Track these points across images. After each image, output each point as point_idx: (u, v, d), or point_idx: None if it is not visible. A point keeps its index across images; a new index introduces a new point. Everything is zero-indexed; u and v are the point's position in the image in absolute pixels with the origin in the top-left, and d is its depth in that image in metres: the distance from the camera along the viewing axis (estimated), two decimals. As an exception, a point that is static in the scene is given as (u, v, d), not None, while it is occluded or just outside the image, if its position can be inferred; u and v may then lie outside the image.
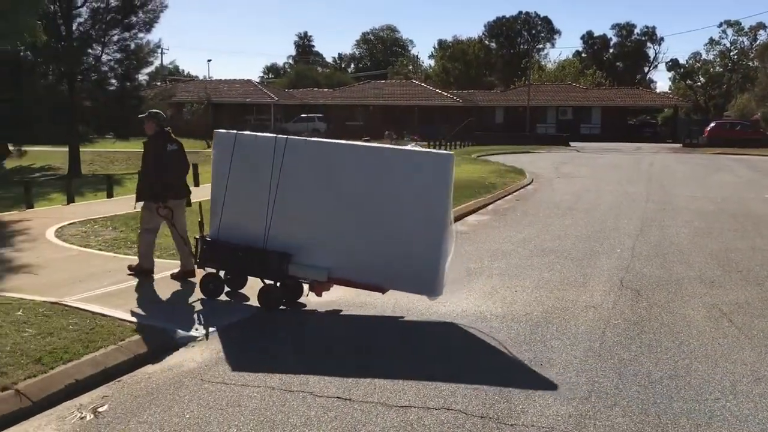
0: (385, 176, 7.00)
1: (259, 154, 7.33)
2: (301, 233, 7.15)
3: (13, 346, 5.53)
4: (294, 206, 7.18)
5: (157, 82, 45.07)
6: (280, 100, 58.81)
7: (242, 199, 7.41)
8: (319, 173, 7.16)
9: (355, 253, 7.03)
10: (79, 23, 32.56)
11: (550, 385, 5.15)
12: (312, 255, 7.08)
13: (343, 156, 7.32)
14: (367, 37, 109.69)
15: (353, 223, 7.04)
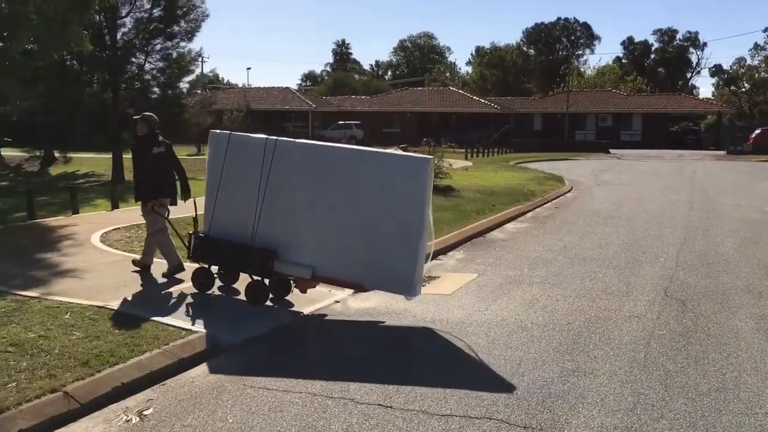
0: (366, 179, 7.22)
1: (250, 154, 7.63)
2: (287, 232, 7.40)
3: (61, 348, 5.65)
4: (281, 205, 7.45)
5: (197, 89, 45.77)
6: (318, 108, 59.25)
7: (233, 196, 7.71)
8: (305, 174, 7.40)
9: (338, 252, 7.25)
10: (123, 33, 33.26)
11: (594, 395, 5.07)
12: (297, 253, 7.32)
13: (326, 158, 7.54)
14: (405, 45, 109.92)
15: (336, 223, 7.27)
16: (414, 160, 7.47)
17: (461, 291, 8.41)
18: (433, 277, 9.25)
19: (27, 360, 5.38)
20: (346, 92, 72.98)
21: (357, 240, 7.16)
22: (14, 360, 5.37)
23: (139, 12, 33.32)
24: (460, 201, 16.39)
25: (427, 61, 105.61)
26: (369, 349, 6.24)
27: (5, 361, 5.33)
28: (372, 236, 7.10)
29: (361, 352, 6.17)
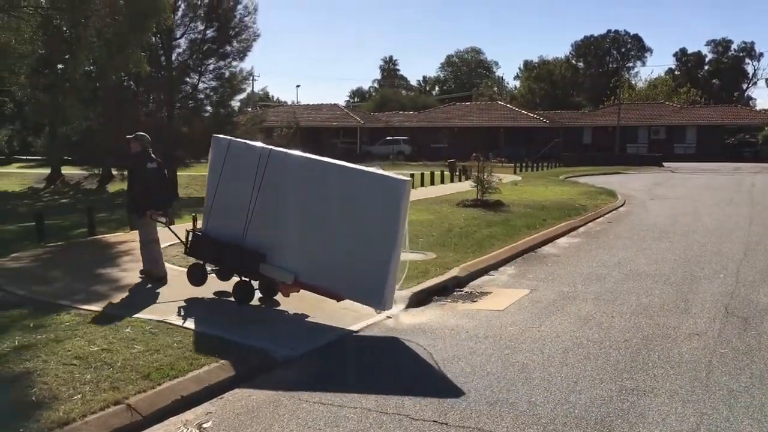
0: (346, 194, 7.56)
1: (246, 161, 8.14)
2: (274, 237, 7.86)
3: (123, 362, 5.81)
4: (271, 212, 7.91)
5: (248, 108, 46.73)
6: (366, 124, 59.66)
7: (228, 199, 8.27)
8: (293, 184, 7.85)
9: (318, 261, 7.64)
10: (178, 53, 34.23)
11: (655, 415, 4.96)
12: (282, 258, 7.76)
13: (312, 171, 7.90)
14: (452, 60, 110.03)
15: (318, 233, 7.66)
16: (390, 180, 7.57)
17: (514, 307, 8.33)
18: (485, 292, 9.20)
19: (91, 372, 5.54)
20: (394, 108, 73.33)
21: (335, 252, 7.53)
22: (79, 372, 5.54)
23: (193, 33, 34.27)
24: (510, 216, 16.26)
25: (475, 76, 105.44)
26: (422, 365, 6.23)
27: (70, 374, 5.50)
28: (349, 249, 7.45)
29: (415, 367, 6.16)
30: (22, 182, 43.06)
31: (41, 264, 10.99)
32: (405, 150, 53.37)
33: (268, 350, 6.38)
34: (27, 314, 7.35)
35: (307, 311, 7.82)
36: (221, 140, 8.64)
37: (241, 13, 35.15)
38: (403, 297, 8.48)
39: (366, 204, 7.44)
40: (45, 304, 7.86)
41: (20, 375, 5.46)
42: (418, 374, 5.97)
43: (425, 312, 8.18)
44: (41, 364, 5.69)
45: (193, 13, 33.85)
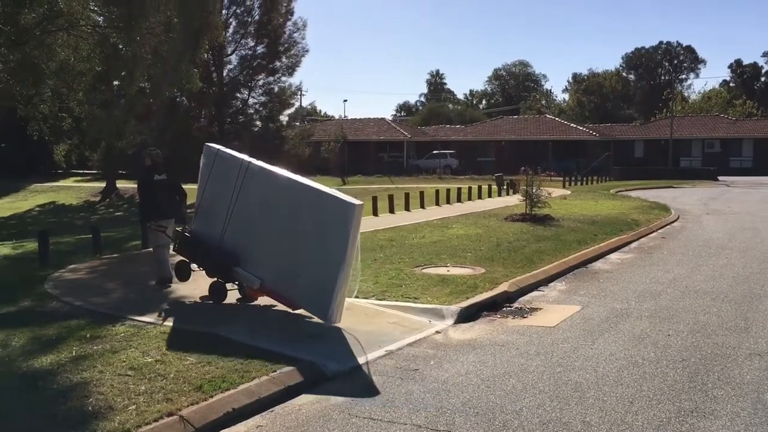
0: (303, 211, 8.08)
1: (229, 170, 8.76)
2: (246, 243, 8.47)
3: (176, 373, 5.89)
4: (245, 220, 8.52)
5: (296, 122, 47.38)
6: (413, 137, 59.74)
7: (212, 203, 8.96)
8: (263, 197, 8.43)
9: (280, 271, 8.15)
10: (229, 69, 35.08)
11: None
12: (251, 264, 8.33)
13: (278, 187, 8.44)
14: (499, 73, 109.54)
15: (281, 245, 8.20)
16: (342, 203, 7.84)
17: (565, 324, 8.18)
18: (535, 308, 9.06)
19: (145, 383, 5.63)
20: (440, 122, 73.32)
21: (293, 263, 8.05)
22: (134, 383, 5.63)
23: (243, 49, 35.14)
24: (560, 230, 16.02)
25: (523, 89, 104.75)
26: (471, 382, 6.15)
27: (125, 385, 5.60)
28: (303, 263, 7.95)
29: (464, 384, 6.08)
30: (79, 196, 44.42)
31: (97, 275, 11.28)
32: (452, 164, 53.21)
33: (317, 364, 6.38)
34: (84, 325, 7.54)
35: (357, 326, 7.82)
36: (211, 148, 9.38)
37: (290, 29, 35.94)
38: (452, 312, 8.43)
39: (319, 223, 7.89)
40: (101, 315, 8.05)
41: (78, 385, 5.58)
42: (468, 391, 5.89)
43: (474, 327, 8.10)
44: (97, 375, 5.81)
45: (244, 30, 34.69)
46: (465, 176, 46.08)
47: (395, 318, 8.31)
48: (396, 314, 8.45)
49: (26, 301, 9.03)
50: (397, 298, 9.06)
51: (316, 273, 7.76)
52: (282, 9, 35.20)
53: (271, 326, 7.68)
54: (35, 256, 13.23)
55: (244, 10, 34.49)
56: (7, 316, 8.16)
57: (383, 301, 8.94)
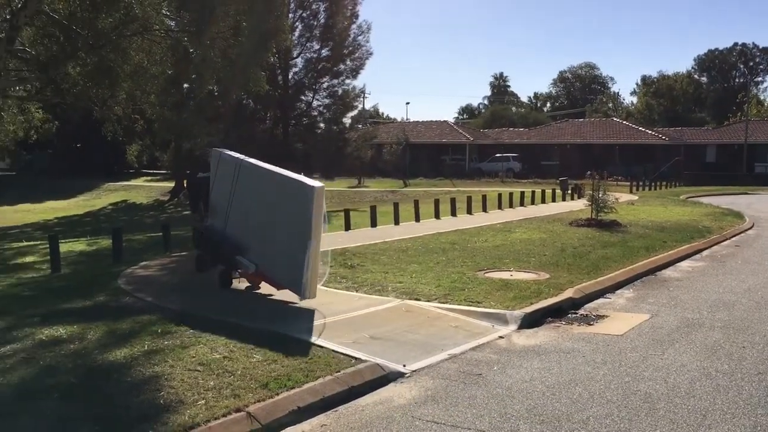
0: (278, 197, 9.06)
1: (229, 169, 9.85)
2: (244, 234, 9.48)
3: (243, 370, 6.01)
4: (241, 213, 9.59)
5: (359, 124, 47.68)
6: (475, 140, 59.34)
7: (218, 201, 10.13)
8: (252, 190, 9.48)
9: (268, 255, 9.06)
10: (294, 72, 35.59)
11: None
12: (248, 252, 9.28)
13: (260, 177, 9.50)
14: (564, 75, 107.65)
15: (266, 231, 9.16)
16: (302, 185, 8.76)
17: (633, 332, 7.97)
18: (601, 315, 8.87)
19: (214, 379, 5.76)
20: (504, 125, 72.61)
21: (276, 247, 8.97)
22: (203, 378, 5.77)
23: (309, 52, 35.57)
24: (627, 237, 15.63)
25: (589, 92, 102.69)
26: (536, 388, 6.06)
27: (195, 380, 5.74)
28: (282, 246, 8.88)
29: (529, 390, 6.00)
30: (149, 195, 45.84)
31: (167, 272, 11.61)
32: (515, 167, 52.57)
33: (381, 365, 6.41)
34: (155, 320, 7.77)
35: (419, 328, 7.82)
36: (215, 152, 10.75)
37: (355, 33, 36.19)
38: (515, 317, 8.34)
39: (288, 205, 8.86)
40: (171, 312, 8.28)
41: (150, 378, 5.76)
42: (532, 398, 5.80)
43: (538, 334, 7.98)
44: (168, 369, 5.98)
45: (310, 33, 35.15)
46: (528, 180, 45.49)
47: (457, 321, 8.27)
48: (458, 318, 8.41)
49: (101, 296, 9.37)
50: (459, 302, 9.01)
51: (290, 254, 8.62)
52: (347, 12, 35.51)
53: (335, 328, 7.74)
54: (109, 253, 13.73)
55: (310, 13, 34.96)
56: (84, 310, 8.49)
57: (445, 304, 8.91)
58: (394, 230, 17.75)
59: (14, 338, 7.03)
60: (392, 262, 12.10)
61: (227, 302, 8.96)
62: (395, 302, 9.02)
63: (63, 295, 9.59)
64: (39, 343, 6.85)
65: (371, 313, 8.43)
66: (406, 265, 11.76)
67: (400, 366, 6.53)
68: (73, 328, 7.34)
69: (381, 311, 8.56)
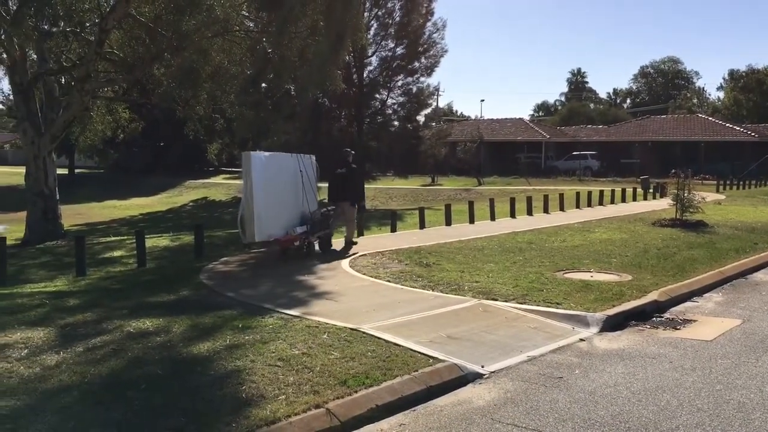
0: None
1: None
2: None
3: (322, 366, 6.05)
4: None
5: (433, 122, 47.53)
6: (552, 138, 58.19)
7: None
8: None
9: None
10: (369, 71, 35.74)
11: None
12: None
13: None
14: (646, 71, 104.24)
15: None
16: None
17: (724, 338, 7.61)
18: (688, 320, 8.52)
19: (293, 375, 5.82)
20: (581, 122, 70.88)
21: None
22: (282, 374, 5.84)
23: (383, 51, 35.64)
24: (714, 238, 14.97)
25: (671, 87, 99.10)
26: (621, 394, 5.84)
27: (275, 375, 5.82)
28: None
29: (613, 396, 5.79)
30: (227, 192, 47.11)
31: (246, 268, 11.87)
32: (592, 165, 51.25)
33: (459, 366, 6.34)
34: (236, 315, 7.94)
35: (496, 329, 7.70)
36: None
37: (430, 30, 36.03)
38: (597, 320, 8.11)
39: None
40: (251, 307, 8.45)
41: (232, 372, 5.87)
42: (617, 404, 5.61)
43: (621, 337, 7.73)
44: (249, 363, 6.09)
45: (385, 31, 35.19)
46: (607, 178, 44.29)
47: (536, 323, 8.10)
48: (537, 319, 8.24)
49: (185, 291, 9.65)
50: (538, 303, 8.83)
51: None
52: (422, 10, 35.37)
53: (412, 327, 7.71)
54: (191, 248, 14.16)
55: (385, 12, 34.98)
56: (169, 303, 8.77)
57: (523, 305, 8.75)
58: (469, 229, 17.59)
59: (105, 330, 7.32)
60: (468, 261, 11.98)
61: (305, 298, 9.06)
62: (472, 302, 8.92)
63: (149, 288, 9.94)
64: (127, 335, 7.10)
65: (448, 313, 8.35)
66: (482, 264, 11.62)
67: (478, 367, 6.44)
68: (158, 321, 7.59)
69: (458, 311, 8.48)
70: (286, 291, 9.55)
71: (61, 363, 6.10)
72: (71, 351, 6.49)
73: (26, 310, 8.44)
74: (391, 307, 8.57)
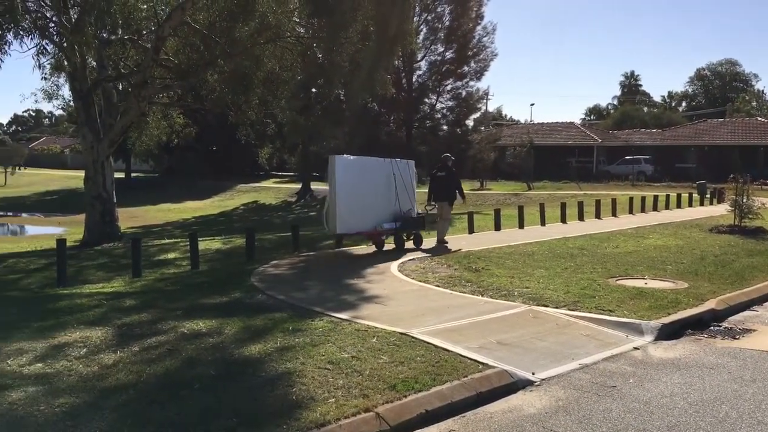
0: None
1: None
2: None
3: (371, 371, 6.06)
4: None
5: (482, 126, 47.25)
6: (604, 142, 57.10)
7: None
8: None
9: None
10: (418, 75, 35.78)
11: None
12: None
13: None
14: (702, 73, 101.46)
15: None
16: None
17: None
18: (748, 329, 8.26)
19: (343, 378, 5.85)
20: (634, 126, 69.39)
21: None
22: (332, 377, 5.88)
23: (433, 55, 35.66)
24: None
25: (729, 90, 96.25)
26: (677, 405, 5.69)
27: (325, 378, 5.86)
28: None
29: (669, 406, 5.64)
30: (277, 196, 47.67)
31: (296, 271, 11.99)
32: (646, 170, 50.07)
33: (509, 372, 6.27)
34: (286, 318, 8.03)
35: (547, 336, 7.60)
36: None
37: (479, 34, 35.91)
38: (651, 328, 7.93)
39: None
40: (300, 310, 8.53)
41: (283, 374, 5.93)
42: (673, 415, 5.46)
43: (677, 346, 7.54)
44: (299, 366, 6.14)
45: (434, 36, 35.22)
46: (661, 183, 43.23)
47: (588, 330, 7.97)
48: (589, 326, 8.11)
49: (236, 293, 9.80)
50: (590, 310, 8.68)
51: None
52: (472, 14, 35.26)
53: (461, 332, 7.67)
54: (242, 251, 14.37)
55: (435, 16, 34.99)
56: (221, 305, 8.92)
57: (575, 312, 8.61)
58: (518, 234, 17.42)
59: (160, 331, 7.48)
60: (518, 266, 11.86)
61: (354, 302, 9.10)
62: (522, 308, 8.82)
63: (202, 290, 10.14)
64: (181, 335, 7.25)
65: (497, 318, 8.28)
66: (532, 269, 11.49)
67: (529, 374, 6.36)
68: (211, 323, 7.72)
69: (507, 316, 8.40)
70: (335, 294, 9.62)
71: (118, 362, 6.27)
72: (128, 350, 6.66)
73: (85, 310, 8.70)
74: (440, 311, 8.55)
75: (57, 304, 9.24)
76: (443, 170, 15.24)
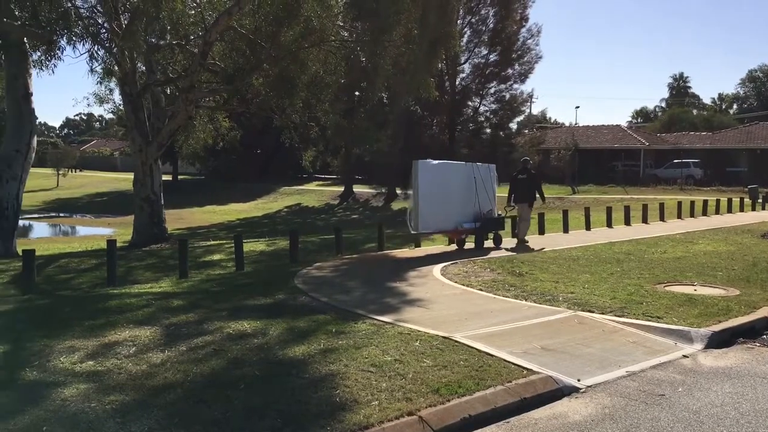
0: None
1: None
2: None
3: (414, 374, 6.06)
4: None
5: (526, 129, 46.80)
6: (651, 145, 56.01)
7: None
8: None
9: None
10: (461, 78, 35.64)
11: None
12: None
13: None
14: (755, 75, 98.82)
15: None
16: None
17: (844, 360, 7.09)
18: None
19: (386, 381, 5.86)
20: (683, 129, 67.93)
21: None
22: (375, 380, 5.89)
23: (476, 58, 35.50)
24: (832, 252, 13.99)
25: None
26: (729, 415, 5.54)
27: (368, 380, 5.87)
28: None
29: (720, 416, 5.49)
30: (320, 199, 48.06)
31: (339, 274, 12.06)
32: (695, 174, 48.97)
33: (554, 378, 6.19)
34: (329, 320, 8.07)
35: (593, 342, 7.49)
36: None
37: (524, 36, 35.62)
38: (701, 335, 7.73)
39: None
40: (344, 312, 8.58)
41: (326, 376, 5.97)
42: (724, 425, 5.32)
43: (728, 354, 7.34)
44: (343, 368, 6.17)
45: (478, 38, 35.06)
46: (711, 187, 42.25)
47: (635, 337, 7.82)
48: (636, 333, 7.95)
49: (280, 295, 9.91)
50: (637, 316, 8.52)
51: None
52: (516, 16, 35.00)
53: (505, 337, 7.60)
54: (286, 253, 14.53)
55: (479, 19, 34.83)
56: (266, 307, 9.02)
57: (621, 318, 8.46)
58: (563, 238, 17.21)
59: (206, 331, 7.61)
60: (562, 271, 11.72)
61: (396, 305, 9.11)
62: (567, 313, 8.71)
63: (246, 291, 10.26)
64: (227, 336, 7.35)
65: (541, 324, 8.19)
66: (577, 274, 11.33)
67: (575, 380, 6.27)
68: (256, 324, 7.82)
69: (552, 322, 8.30)
70: (378, 297, 9.64)
71: (165, 361, 6.39)
72: (175, 350, 6.78)
73: (134, 310, 8.89)
74: (483, 316, 8.49)
75: (107, 303, 9.47)
76: (524, 173, 16.12)
